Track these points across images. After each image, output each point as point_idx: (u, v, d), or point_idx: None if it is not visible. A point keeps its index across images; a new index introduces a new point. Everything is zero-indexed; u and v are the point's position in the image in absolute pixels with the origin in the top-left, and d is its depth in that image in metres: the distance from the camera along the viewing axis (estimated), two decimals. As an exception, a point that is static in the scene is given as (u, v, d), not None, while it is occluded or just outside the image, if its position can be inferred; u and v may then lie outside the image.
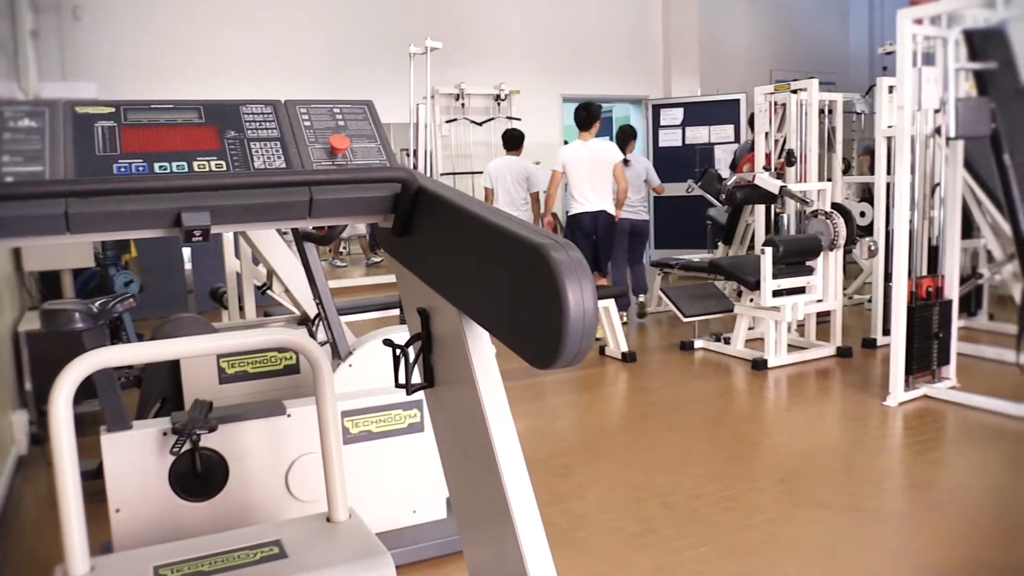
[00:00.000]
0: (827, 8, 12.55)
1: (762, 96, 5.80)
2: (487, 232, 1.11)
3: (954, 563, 2.52)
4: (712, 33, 11.26)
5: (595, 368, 5.17)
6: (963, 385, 4.34)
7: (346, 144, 1.46)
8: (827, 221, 4.94)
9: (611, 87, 10.60)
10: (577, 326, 0.94)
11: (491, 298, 1.11)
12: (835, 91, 7.85)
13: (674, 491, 3.14)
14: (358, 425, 2.52)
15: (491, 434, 1.23)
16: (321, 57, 8.62)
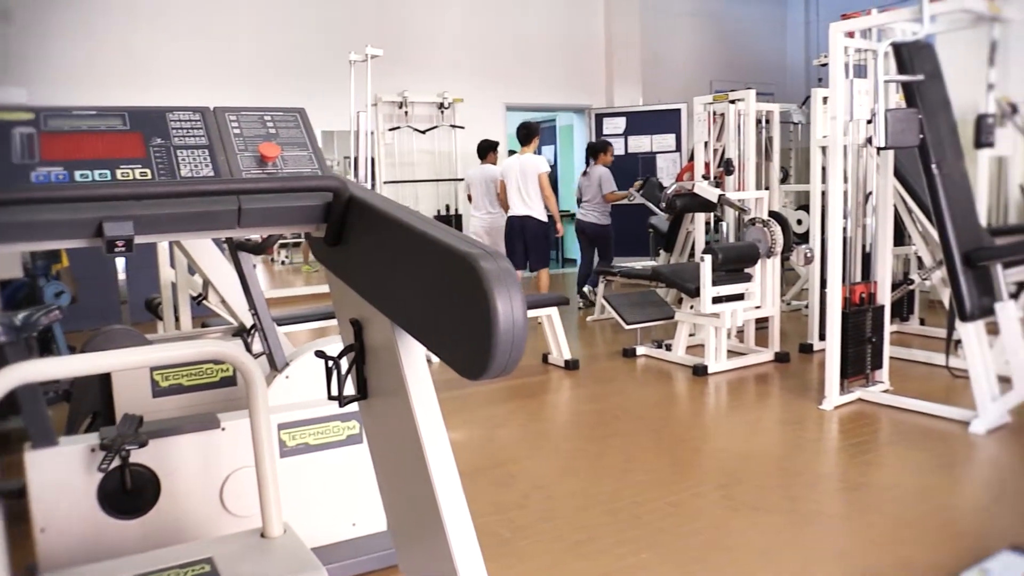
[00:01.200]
0: (765, 20, 12.83)
1: (701, 106, 5.89)
2: (417, 242, 1.09)
3: (888, 563, 2.57)
4: (654, 44, 11.41)
5: (538, 376, 5.18)
6: (895, 388, 4.45)
7: (276, 152, 1.43)
8: (764, 229, 5.04)
9: (554, 96, 10.67)
10: (507, 336, 0.93)
11: (422, 308, 1.10)
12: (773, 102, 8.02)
13: (617, 498, 3.15)
14: (295, 438, 2.48)
15: (424, 446, 1.22)
16: (261, 64, 8.50)
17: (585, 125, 10.95)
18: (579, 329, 6.73)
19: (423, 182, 9.53)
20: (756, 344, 5.54)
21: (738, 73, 12.11)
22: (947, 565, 2.53)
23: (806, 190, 6.23)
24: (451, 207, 9.72)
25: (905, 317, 6.17)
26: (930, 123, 3.86)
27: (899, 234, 5.52)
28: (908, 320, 6.18)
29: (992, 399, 3.81)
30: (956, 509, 3.02)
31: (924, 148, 3.83)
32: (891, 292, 4.56)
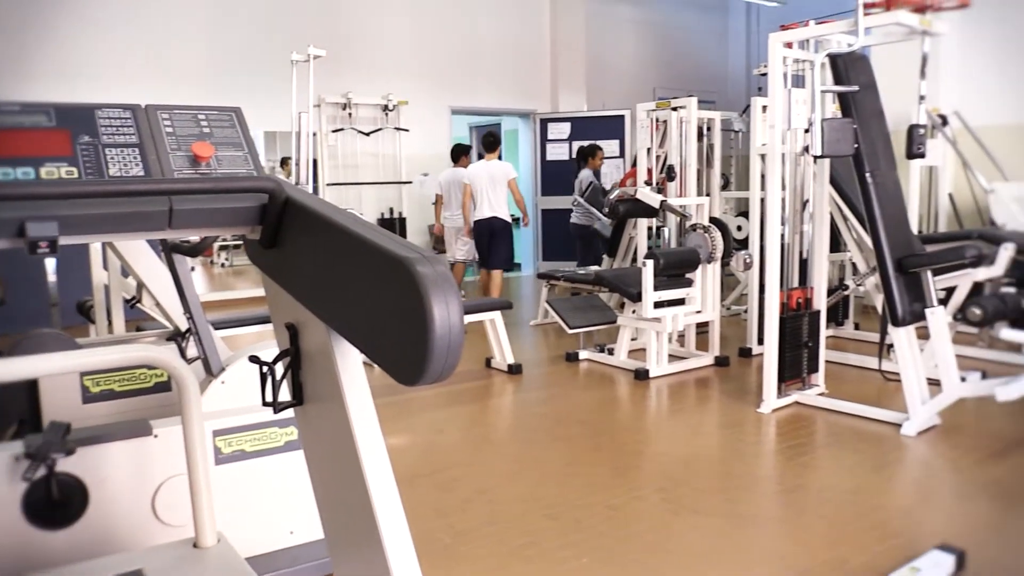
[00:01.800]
0: (707, 30, 13.04)
1: (644, 113, 5.95)
2: (354, 245, 1.07)
3: (823, 563, 2.62)
4: (598, 50, 11.52)
5: (481, 380, 5.16)
6: (831, 391, 4.55)
7: (210, 152, 1.40)
8: (705, 235, 5.11)
9: (500, 100, 10.70)
10: (443, 341, 0.92)
11: (358, 313, 1.08)
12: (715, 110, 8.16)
13: (559, 502, 3.16)
14: (231, 444, 2.42)
15: (359, 452, 1.19)
16: (202, 63, 8.33)
17: (530, 130, 10.99)
18: (523, 333, 6.73)
19: (367, 184, 9.45)
20: (697, 348, 5.61)
21: (681, 81, 12.30)
22: (880, 564, 2.59)
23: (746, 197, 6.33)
24: (395, 210, 9.66)
25: (840, 322, 6.32)
26: (864, 133, 3.96)
27: (835, 241, 5.65)
28: (843, 325, 6.34)
29: (922, 402, 3.92)
30: (888, 509, 3.09)
31: (859, 157, 3.93)
32: (827, 297, 4.66)
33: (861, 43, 3.87)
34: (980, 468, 3.48)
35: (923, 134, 4.28)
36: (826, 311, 4.65)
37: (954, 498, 3.25)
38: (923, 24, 3.97)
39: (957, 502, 3.20)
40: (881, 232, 3.92)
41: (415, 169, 9.85)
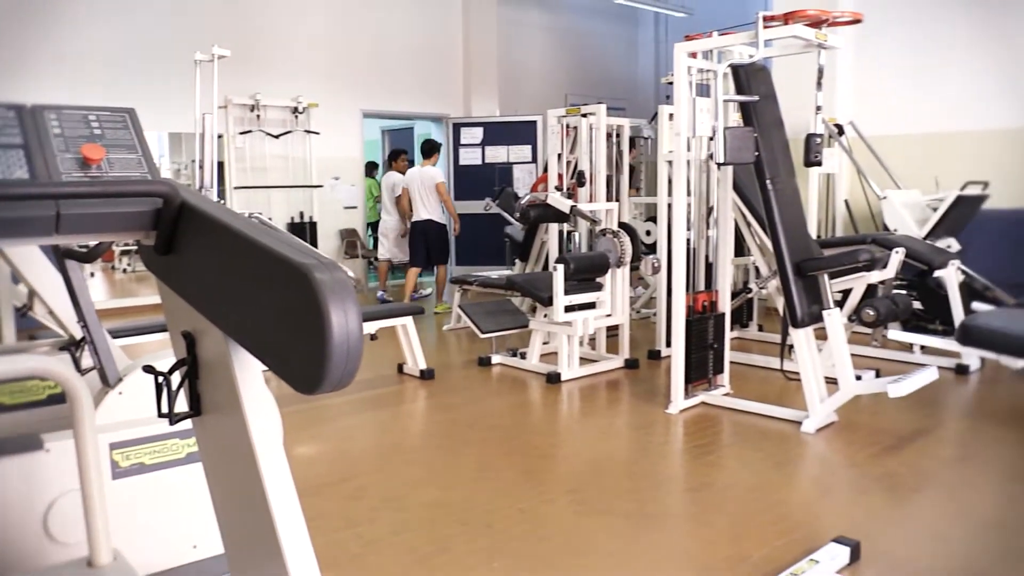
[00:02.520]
0: (618, 38, 13.28)
1: (554, 119, 6.02)
2: (251, 251, 1.05)
3: (727, 559, 2.69)
4: (511, 56, 11.59)
5: (393, 386, 5.12)
6: (735, 391, 4.69)
7: (101, 155, 1.34)
8: (614, 239, 5.19)
9: (412, 104, 10.64)
10: (341, 349, 0.91)
11: (256, 320, 1.06)
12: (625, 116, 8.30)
13: (469, 508, 3.16)
14: (129, 458, 2.34)
15: (259, 464, 1.17)
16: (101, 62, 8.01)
17: (443, 134, 10.97)
18: (436, 338, 6.71)
19: (276, 188, 9.26)
20: (607, 351, 5.70)
21: (592, 87, 12.48)
22: (781, 558, 2.67)
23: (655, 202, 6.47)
24: (306, 214, 9.50)
25: (745, 324, 6.52)
26: (765, 141, 4.10)
27: (740, 245, 5.82)
28: (748, 327, 6.53)
29: (821, 400, 4.07)
30: (789, 504, 3.20)
31: (759, 165, 4.06)
32: (731, 300, 4.80)
33: (761, 54, 4.01)
34: (874, 462, 3.64)
35: (820, 143, 4.46)
36: (731, 313, 4.78)
37: (851, 491, 3.38)
38: (819, 38, 4.13)
39: (853, 495, 3.33)
40: (781, 237, 4.06)
41: (326, 173, 9.71)
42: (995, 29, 6.88)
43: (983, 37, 6.95)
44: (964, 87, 7.09)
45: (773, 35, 4.03)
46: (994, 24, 6.89)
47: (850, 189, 7.44)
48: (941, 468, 3.58)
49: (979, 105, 7.00)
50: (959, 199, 5.83)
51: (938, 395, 4.71)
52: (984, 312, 1.98)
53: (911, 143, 7.30)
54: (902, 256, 4.83)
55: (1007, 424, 4.16)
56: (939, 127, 7.21)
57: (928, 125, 7.27)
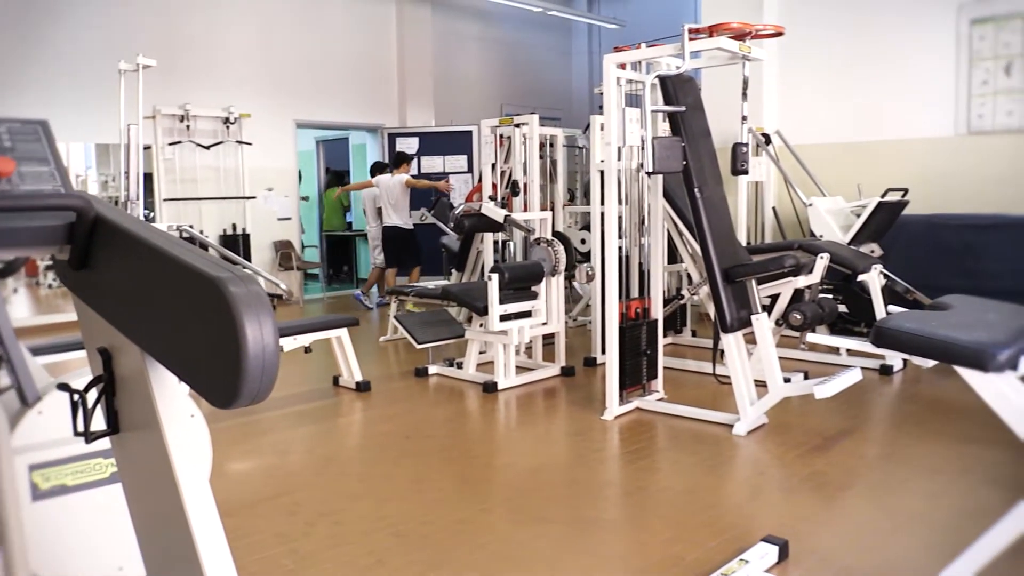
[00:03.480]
0: (552, 48, 13.40)
1: (488, 129, 6.05)
2: (166, 264, 1.04)
3: (660, 562, 2.73)
4: (446, 66, 11.61)
5: (329, 399, 5.07)
6: (670, 396, 4.76)
7: (11, 167, 1.31)
8: (549, 248, 5.24)
9: (347, 114, 10.57)
10: (256, 363, 0.90)
11: (172, 335, 1.04)
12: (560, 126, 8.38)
13: (405, 519, 3.14)
14: (50, 479, 2.26)
15: (178, 482, 1.15)
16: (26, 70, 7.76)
17: (378, 144, 10.92)
18: (372, 350, 6.66)
19: (208, 200, 9.10)
20: (544, 359, 5.73)
21: (528, 98, 12.58)
22: (712, 559, 2.72)
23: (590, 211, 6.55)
24: (239, 226, 9.35)
25: (679, 329, 6.62)
26: (693, 150, 4.18)
27: (674, 252, 5.92)
28: (682, 332, 6.64)
29: (751, 403, 4.16)
30: (720, 506, 3.26)
31: (688, 174, 4.14)
32: (664, 307, 4.88)
33: (687, 66, 4.10)
34: (803, 462, 3.73)
35: (746, 152, 4.58)
36: (664, 320, 4.86)
37: (780, 491, 3.46)
38: (743, 50, 4.24)
39: (783, 495, 3.41)
40: (710, 244, 4.14)
41: (259, 184, 9.59)
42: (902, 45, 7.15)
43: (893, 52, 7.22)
44: (882, 99, 7.34)
45: (698, 47, 4.13)
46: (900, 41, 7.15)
47: (778, 196, 7.63)
48: (866, 466, 3.69)
49: (896, 116, 7.26)
50: (880, 205, 6.02)
51: (864, 395, 4.85)
52: (897, 314, 2.06)
53: (835, 152, 7.53)
54: (827, 261, 4.97)
55: (928, 421, 4.31)
56: (860, 136, 7.46)
57: (850, 135, 7.51)
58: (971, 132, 6.84)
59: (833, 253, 5.26)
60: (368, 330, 7.58)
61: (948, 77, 6.94)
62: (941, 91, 6.98)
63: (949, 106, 6.95)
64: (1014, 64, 6.60)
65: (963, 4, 6.82)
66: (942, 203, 6.74)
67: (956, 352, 1.83)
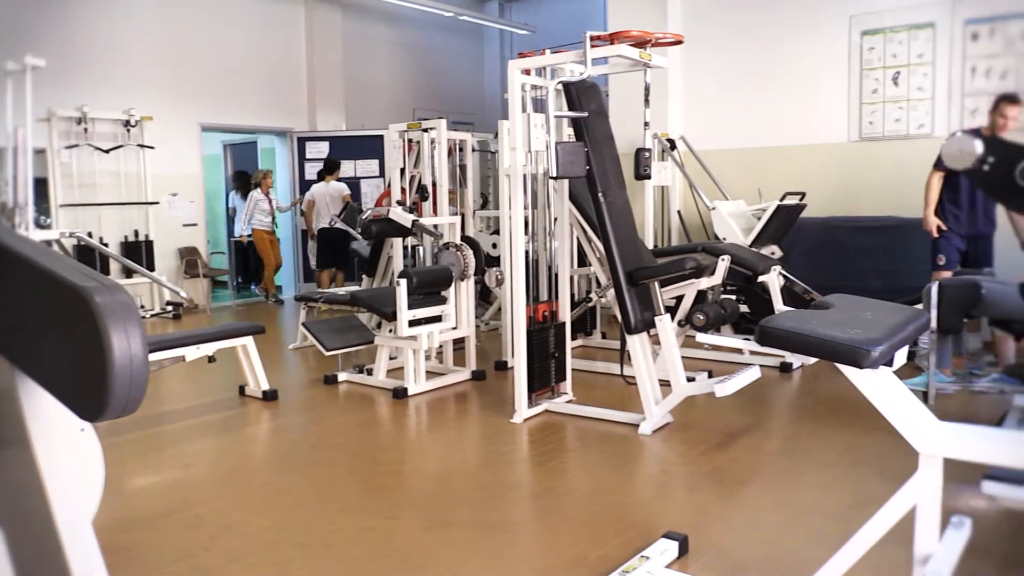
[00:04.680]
0: (464, 53, 13.42)
1: (396, 133, 6.02)
2: (33, 275, 1.01)
3: (565, 562, 2.76)
4: (357, 70, 11.49)
5: (234, 409, 4.95)
6: (578, 398, 4.82)
7: None
8: (457, 253, 5.24)
9: (254, 118, 10.36)
10: (124, 373, 0.89)
11: (39, 347, 1.02)
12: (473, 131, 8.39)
13: (310, 530, 3.09)
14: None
15: (50, 501, 1.11)
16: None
17: (287, 149, 10.74)
18: (281, 358, 6.55)
19: (107, 205, 8.79)
20: (455, 364, 5.73)
21: (440, 102, 12.55)
22: (616, 556, 2.77)
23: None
24: (141, 232, 9.06)
25: (589, 332, 6.72)
26: (596, 155, 4.25)
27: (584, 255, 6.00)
28: (592, 334, 6.74)
29: (656, 402, 4.25)
30: (625, 504, 3.32)
31: (591, 178, 4.21)
32: (573, 310, 4.94)
33: (589, 72, 4.16)
34: (705, 459, 3.83)
35: (649, 157, 4.68)
36: (574, 322, 4.92)
37: (683, 488, 3.55)
38: (643, 57, 4.34)
39: (685, 492, 3.50)
40: (614, 247, 4.22)
41: (162, 189, 9.31)
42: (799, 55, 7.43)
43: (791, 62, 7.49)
44: (781, 106, 7.61)
45: (600, 54, 4.20)
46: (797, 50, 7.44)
47: (683, 200, 7.83)
48: (765, 461, 3.81)
49: (795, 123, 7.53)
50: (779, 208, 6.24)
51: (765, 392, 5.02)
52: (779, 314, 2.14)
53: (737, 157, 7.76)
54: (728, 263, 5.13)
55: (825, 416, 4.48)
56: (761, 142, 7.71)
57: (752, 140, 7.76)
58: (863, 138, 7.16)
59: (734, 255, 5.43)
60: (277, 337, 7.44)
61: (841, 86, 7.24)
62: (835, 99, 7.28)
63: (843, 113, 7.25)
64: (901, 74, 6.93)
65: (854, 16, 7.12)
66: (838, 206, 7.02)
67: (833, 349, 1.91)
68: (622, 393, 4.98)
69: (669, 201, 7.77)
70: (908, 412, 2.07)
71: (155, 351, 4.45)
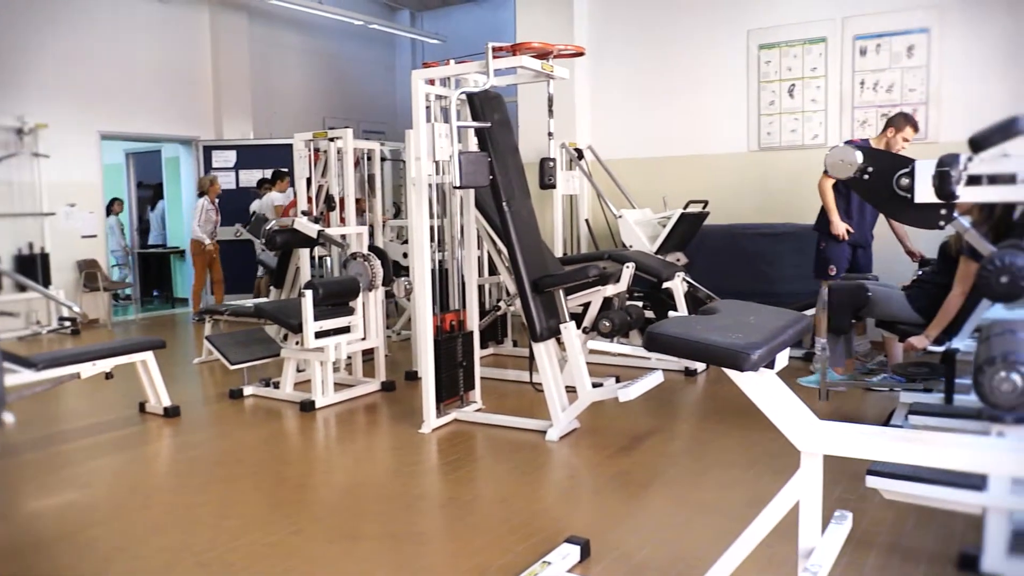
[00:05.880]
0: (376, 62, 13.34)
1: (301, 143, 5.94)
2: None
3: (467, 571, 2.77)
4: (265, 78, 11.30)
5: (134, 427, 4.80)
6: (488, 406, 4.85)
7: None
8: (365, 263, 5.21)
9: (158, 126, 10.08)
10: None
11: None
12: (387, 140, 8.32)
13: (210, 548, 3.02)
14: None
15: None
16: None
17: (193, 157, 10.48)
18: (185, 373, 6.37)
19: (0, 217, 8.41)
20: (364, 375, 5.68)
21: (351, 111, 12.46)
22: (518, 564, 2.78)
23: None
24: (35, 245, 8.69)
25: (500, 340, 6.75)
26: (500, 165, 4.29)
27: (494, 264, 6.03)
28: (503, 343, 6.77)
29: (563, 409, 4.31)
30: (529, 512, 3.34)
31: (495, 188, 4.25)
32: (483, 318, 4.96)
33: (492, 83, 4.20)
34: (610, 463, 3.90)
35: (553, 166, 4.75)
36: (485, 330, 4.94)
37: (587, 493, 3.61)
38: (545, 68, 4.40)
39: (589, 496, 3.56)
40: (519, 256, 4.26)
41: (60, 199, 8.96)
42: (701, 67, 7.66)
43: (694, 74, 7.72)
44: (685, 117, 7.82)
45: (502, 65, 4.24)
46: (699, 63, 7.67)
47: (591, 209, 7.95)
48: (668, 463, 3.91)
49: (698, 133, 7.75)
50: (683, 216, 6.41)
51: (671, 396, 5.14)
52: (666, 320, 2.21)
53: (643, 166, 7.94)
54: (633, 270, 5.24)
55: (726, 417, 4.62)
56: (666, 151, 7.90)
57: (657, 150, 7.94)
58: (762, 148, 7.41)
59: (639, 262, 5.55)
60: (181, 352, 7.24)
61: (741, 97, 7.49)
62: (735, 110, 7.52)
63: (742, 124, 7.49)
64: (796, 86, 7.21)
65: (752, 30, 7.38)
66: (739, 214, 7.25)
67: (715, 353, 1.98)
68: (532, 400, 5.02)
69: (577, 210, 7.89)
70: (789, 412, 2.16)
71: (48, 368, 4.28)
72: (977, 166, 2.89)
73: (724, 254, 6.96)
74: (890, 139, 5.24)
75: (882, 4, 6.76)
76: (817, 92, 7.12)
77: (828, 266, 5.50)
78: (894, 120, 5.30)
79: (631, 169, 7.82)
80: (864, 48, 6.87)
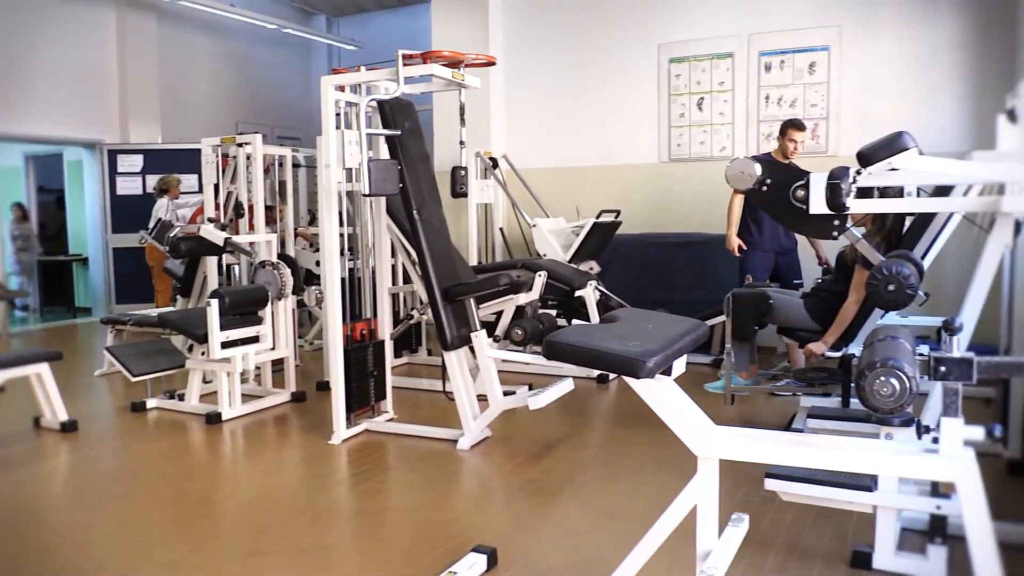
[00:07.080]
0: (291, 67, 13.12)
1: (210, 148, 5.80)
2: None
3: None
4: (175, 81, 10.99)
5: (27, 444, 4.58)
6: (400, 416, 4.81)
7: None
8: (274, 271, 5.11)
9: (60, 128, 9.69)
10: None
11: None
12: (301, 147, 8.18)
13: (101, 570, 2.90)
14: None
15: None
16: None
17: (97, 161, 10.11)
18: (86, 385, 6.13)
19: None
20: (274, 386, 5.57)
21: (265, 116, 12.22)
22: (426, 574, 2.77)
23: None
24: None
25: (414, 349, 6.71)
26: (411, 173, 4.27)
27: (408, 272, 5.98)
28: (417, 351, 6.73)
29: (474, 417, 4.30)
30: (438, 522, 3.32)
31: (405, 196, 4.22)
32: (396, 327, 4.92)
33: (401, 90, 4.18)
34: (520, 471, 3.91)
35: (464, 175, 4.76)
36: (399, 339, 4.90)
37: (496, 501, 3.61)
38: (456, 77, 4.40)
39: (498, 505, 3.56)
40: (429, 264, 4.25)
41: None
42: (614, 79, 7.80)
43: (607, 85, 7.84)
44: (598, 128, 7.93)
45: (412, 72, 4.23)
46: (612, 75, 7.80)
47: (506, 218, 7.98)
48: (578, 469, 3.94)
49: (611, 144, 7.87)
50: (596, 225, 6.49)
51: (583, 403, 5.20)
52: (565, 328, 2.23)
53: (557, 175, 8.02)
54: (545, 279, 5.27)
55: (636, 423, 4.69)
56: (580, 161, 7.99)
57: (571, 159, 8.03)
58: (672, 159, 7.57)
59: (552, 271, 5.59)
60: (84, 364, 6.96)
61: (652, 109, 7.64)
62: (647, 122, 7.66)
63: (653, 135, 7.64)
64: (705, 99, 7.40)
65: (662, 44, 7.54)
66: (651, 223, 7.38)
67: (611, 361, 2.01)
68: (445, 410, 4.99)
69: (492, 218, 7.91)
70: (686, 418, 2.21)
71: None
72: (865, 179, 3.01)
73: (636, 263, 7.07)
74: (783, 144, 5.60)
75: (786, 22, 7.00)
76: (725, 106, 7.32)
77: (744, 276, 5.66)
78: (781, 127, 5.71)
79: (546, 178, 7.89)
80: (769, 64, 7.10)
